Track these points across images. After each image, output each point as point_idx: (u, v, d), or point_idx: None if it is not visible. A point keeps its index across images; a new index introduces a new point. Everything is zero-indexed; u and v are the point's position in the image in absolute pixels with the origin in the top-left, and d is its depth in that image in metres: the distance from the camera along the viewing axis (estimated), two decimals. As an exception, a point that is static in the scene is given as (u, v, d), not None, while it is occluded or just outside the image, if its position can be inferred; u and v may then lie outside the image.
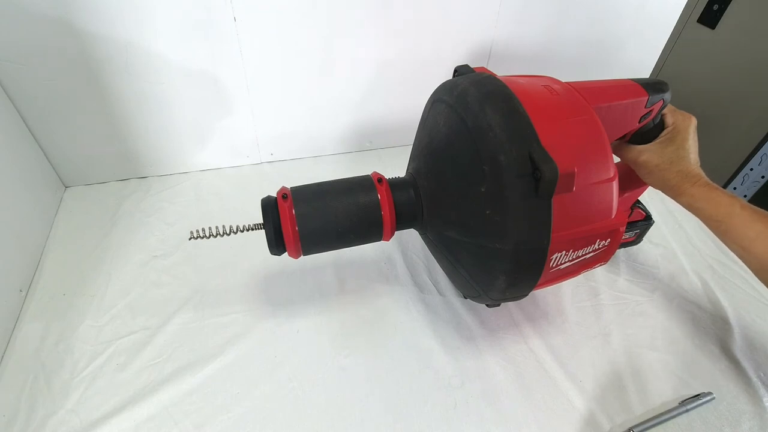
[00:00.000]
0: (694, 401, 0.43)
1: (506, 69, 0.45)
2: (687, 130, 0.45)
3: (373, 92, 0.69)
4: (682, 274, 0.58)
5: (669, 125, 0.45)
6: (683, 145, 0.44)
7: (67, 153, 0.62)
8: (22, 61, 0.52)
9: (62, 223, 0.60)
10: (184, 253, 0.56)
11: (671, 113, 0.46)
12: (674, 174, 0.43)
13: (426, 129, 0.44)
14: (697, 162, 0.44)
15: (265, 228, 0.40)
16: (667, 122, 0.46)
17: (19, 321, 0.48)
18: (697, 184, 0.42)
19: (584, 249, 0.39)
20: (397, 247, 0.59)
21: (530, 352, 0.48)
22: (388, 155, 0.76)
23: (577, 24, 0.72)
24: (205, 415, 0.41)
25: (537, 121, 0.35)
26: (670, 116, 0.46)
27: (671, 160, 0.43)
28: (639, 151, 0.45)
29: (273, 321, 0.49)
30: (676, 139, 0.44)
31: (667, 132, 0.45)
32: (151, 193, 0.65)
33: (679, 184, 0.43)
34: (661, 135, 0.45)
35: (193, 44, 0.57)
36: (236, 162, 0.71)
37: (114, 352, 0.46)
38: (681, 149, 0.44)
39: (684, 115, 0.46)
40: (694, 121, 0.45)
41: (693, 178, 0.42)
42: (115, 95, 0.58)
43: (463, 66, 0.43)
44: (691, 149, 0.44)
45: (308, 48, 0.61)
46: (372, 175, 0.42)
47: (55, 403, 0.42)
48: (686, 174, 0.43)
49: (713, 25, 1.19)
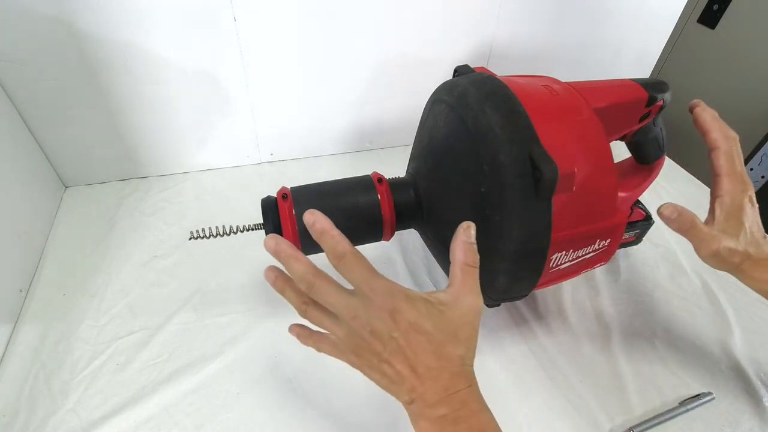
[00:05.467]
0: (694, 401, 0.43)
1: (506, 69, 0.45)
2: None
3: (373, 92, 0.69)
4: (682, 274, 0.58)
5: (723, 195, 0.38)
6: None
7: (67, 153, 0.62)
8: (22, 61, 0.52)
9: (62, 223, 0.60)
10: (184, 253, 0.56)
11: (727, 178, 0.38)
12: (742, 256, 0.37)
13: (426, 129, 0.44)
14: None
15: (265, 228, 0.40)
16: (721, 189, 0.38)
17: (19, 321, 0.48)
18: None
19: (584, 249, 0.39)
20: (397, 247, 0.59)
21: (530, 352, 0.48)
22: (388, 155, 0.76)
23: (577, 24, 0.72)
24: (205, 415, 0.41)
25: (537, 121, 0.35)
26: (726, 183, 0.38)
27: (747, 242, 0.37)
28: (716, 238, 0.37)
29: (273, 321, 0.49)
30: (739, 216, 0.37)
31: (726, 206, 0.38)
32: (151, 193, 0.65)
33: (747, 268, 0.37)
34: (717, 209, 0.38)
35: (193, 44, 0.57)
36: (236, 162, 0.71)
37: (114, 352, 0.46)
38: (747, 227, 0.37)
39: (738, 183, 0.38)
40: (750, 190, 0.38)
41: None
42: (115, 95, 0.58)
43: (463, 66, 0.43)
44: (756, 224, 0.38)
45: (308, 48, 0.61)
46: (372, 175, 0.42)
47: (55, 403, 0.42)
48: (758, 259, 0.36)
49: (713, 25, 1.19)
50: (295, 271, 0.30)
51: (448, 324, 0.29)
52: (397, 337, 0.28)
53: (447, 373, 0.29)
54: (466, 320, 0.30)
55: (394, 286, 0.29)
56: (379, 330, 0.28)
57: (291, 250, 0.30)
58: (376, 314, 0.28)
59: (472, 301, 0.31)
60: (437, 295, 0.30)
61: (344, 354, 0.32)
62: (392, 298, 0.29)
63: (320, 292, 0.29)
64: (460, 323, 0.30)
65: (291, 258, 0.30)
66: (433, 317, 0.29)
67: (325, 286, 0.29)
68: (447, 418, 0.28)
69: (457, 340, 0.29)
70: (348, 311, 0.29)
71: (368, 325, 0.28)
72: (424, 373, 0.28)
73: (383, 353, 0.29)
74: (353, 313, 0.29)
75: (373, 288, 0.29)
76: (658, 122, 0.48)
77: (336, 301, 0.29)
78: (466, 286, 0.31)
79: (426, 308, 0.29)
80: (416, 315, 0.29)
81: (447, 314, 0.30)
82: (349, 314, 0.29)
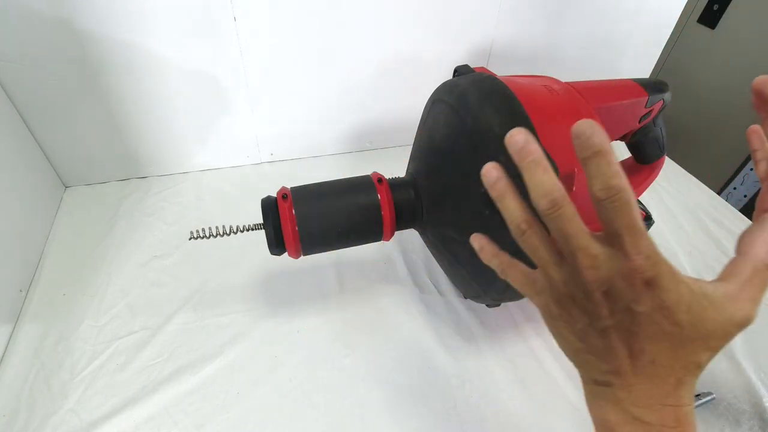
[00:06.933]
0: (694, 401, 0.43)
1: (506, 69, 0.45)
2: None
3: (373, 92, 0.69)
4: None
5: None
6: None
7: (67, 153, 0.62)
8: (22, 61, 0.52)
9: (62, 223, 0.60)
10: (184, 253, 0.56)
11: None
12: None
13: (426, 129, 0.44)
14: None
15: (265, 228, 0.40)
16: None
17: (19, 321, 0.48)
18: None
19: (584, 249, 0.39)
20: (397, 247, 0.59)
21: (530, 352, 0.48)
22: (388, 155, 0.76)
23: (577, 24, 0.72)
24: (205, 415, 0.41)
25: (537, 121, 0.35)
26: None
27: None
28: None
29: (273, 321, 0.49)
30: None
31: None
32: (151, 193, 0.65)
33: None
34: None
35: (193, 44, 0.57)
36: (236, 162, 0.71)
37: (114, 352, 0.46)
38: None
39: None
40: None
41: None
42: (115, 95, 0.58)
43: (463, 66, 0.43)
44: None
45: (308, 48, 0.62)
46: (372, 175, 0.42)
47: (55, 403, 0.42)
48: None
49: (713, 25, 1.19)
50: (543, 183, 0.23)
51: (705, 324, 0.23)
52: (641, 312, 0.22)
53: (674, 379, 0.24)
54: (725, 329, 0.23)
55: (660, 256, 0.23)
56: (620, 295, 0.22)
57: (539, 153, 0.23)
58: (627, 276, 0.22)
59: (747, 311, 0.23)
60: (706, 287, 0.24)
61: (539, 295, 0.26)
62: (656, 267, 0.22)
63: (563, 217, 0.23)
64: (717, 329, 0.23)
65: (539, 165, 0.23)
66: (692, 311, 0.23)
67: (570, 213, 0.23)
68: (651, 428, 0.23)
69: (705, 346, 0.24)
70: (588, 257, 0.23)
71: (607, 283, 0.23)
72: (645, 366, 0.23)
73: (605, 321, 0.23)
74: (593, 262, 0.23)
75: (638, 244, 0.22)
76: (658, 122, 0.48)
77: (580, 237, 0.23)
78: (750, 292, 0.24)
79: (689, 296, 0.23)
80: (675, 299, 0.22)
81: (710, 314, 0.23)
82: (587, 260, 0.23)
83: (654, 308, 0.22)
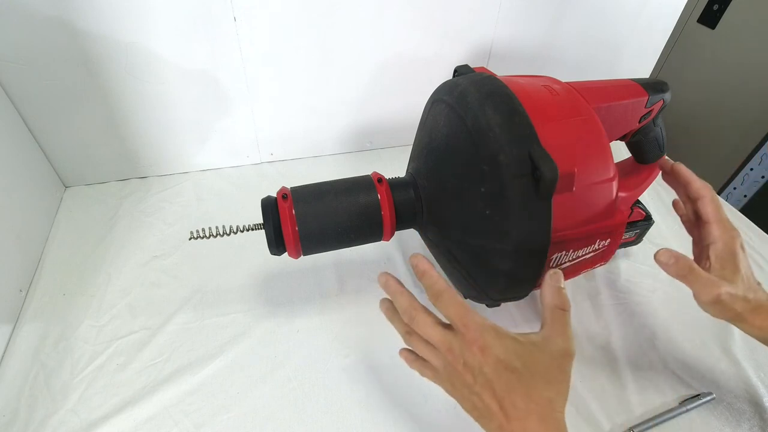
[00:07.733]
0: (694, 401, 0.43)
1: (506, 69, 0.45)
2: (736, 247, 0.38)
3: (373, 92, 0.69)
4: (682, 274, 0.58)
5: (715, 241, 0.39)
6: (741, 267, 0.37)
7: (67, 153, 0.62)
8: (22, 61, 0.52)
9: (62, 223, 0.60)
10: (184, 253, 0.56)
11: (717, 225, 0.39)
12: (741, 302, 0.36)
13: (426, 129, 0.44)
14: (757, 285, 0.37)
15: (264, 228, 0.40)
16: (713, 236, 0.39)
17: (19, 321, 0.48)
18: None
19: (584, 249, 0.39)
20: (397, 247, 0.59)
21: (530, 352, 0.48)
22: (388, 155, 0.76)
23: (577, 24, 0.72)
24: (205, 415, 0.41)
25: (537, 121, 0.35)
26: (716, 229, 0.39)
27: (745, 288, 0.36)
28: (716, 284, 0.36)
29: (273, 321, 0.49)
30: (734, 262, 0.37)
31: (720, 252, 0.38)
32: (151, 193, 0.65)
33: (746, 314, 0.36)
34: (712, 255, 0.38)
35: (193, 44, 0.57)
36: (236, 162, 0.71)
37: (114, 352, 0.46)
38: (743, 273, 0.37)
39: (728, 229, 0.39)
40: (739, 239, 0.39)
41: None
42: (115, 95, 0.58)
43: (463, 66, 0.43)
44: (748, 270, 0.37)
45: (308, 48, 0.61)
46: (372, 175, 0.42)
47: (55, 403, 0.42)
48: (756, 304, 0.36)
49: (713, 25, 1.19)
50: (400, 305, 0.34)
51: (537, 365, 0.30)
52: (487, 372, 0.29)
53: (535, 416, 0.29)
54: (555, 363, 0.31)
55: (485, 323, 0.31)
56: (471, 363, 0.30)
57: (398, 286, 0.35)
58: (468, 348, 0.30)
59: (563, 344, 0.31)
60: (527, 336, 0.32)
61: (442, 382, 0.34)
62: (483, 334, 0.30)
63: (420, 324, 0.32)
64: (549, 365, 0.30)
65: (397, 293, 0.34)
66: (522, 356, 0.30)
67: (424, 319, 0.32)
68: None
69: (547, 383, 0.30)
70: (444, 344, 0.31)
71: (461, 357, 0.30)
72: (511, 413, 0.29)
73: (474, 386, 0.30)
74: (448, 346, 0.31)
75: (466, 324, 0.30)
76: (658, 122, 0.48)
77: (433, 333, 0.32)
78: (556, 329, 0.32)
79: (515, 346, 0.30)
80: (504, 351, 0.30)
81: (536, 355, 0.30)
82: (444, 346, 0.31)
83: (494, 364, 0.29)
